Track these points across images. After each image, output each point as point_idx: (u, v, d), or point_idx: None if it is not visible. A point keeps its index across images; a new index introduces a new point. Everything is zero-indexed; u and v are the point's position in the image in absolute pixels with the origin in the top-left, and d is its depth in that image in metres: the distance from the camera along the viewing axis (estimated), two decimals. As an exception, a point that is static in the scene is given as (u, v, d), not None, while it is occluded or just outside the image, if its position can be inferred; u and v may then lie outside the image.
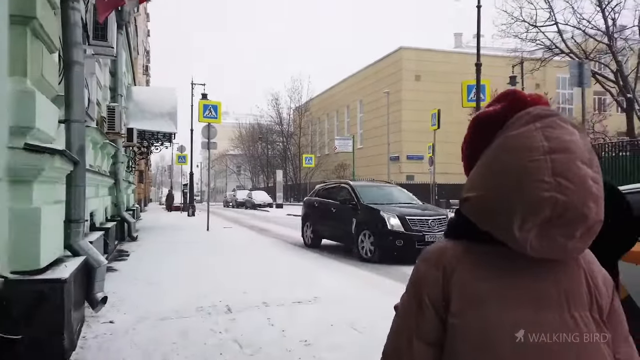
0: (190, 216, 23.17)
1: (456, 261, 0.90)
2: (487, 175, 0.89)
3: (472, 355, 0.85)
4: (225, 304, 4.99)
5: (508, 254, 0.87)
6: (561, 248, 0.83)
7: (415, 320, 0.91)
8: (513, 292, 0.86)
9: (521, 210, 0.82)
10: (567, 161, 0.83)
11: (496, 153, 0.89)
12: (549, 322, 0.85)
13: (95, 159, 8.18)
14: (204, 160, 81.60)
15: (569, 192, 0.81)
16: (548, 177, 0.81)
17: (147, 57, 39.73)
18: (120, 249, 9.55)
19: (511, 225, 0.82)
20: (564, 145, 0.84)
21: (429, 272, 0.92)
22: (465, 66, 35.35)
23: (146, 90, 17.00)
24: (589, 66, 9.50)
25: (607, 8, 17.18)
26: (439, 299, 0.89)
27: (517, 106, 0.93)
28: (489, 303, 0.86)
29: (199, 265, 7.45)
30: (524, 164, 0.83)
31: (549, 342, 0.83)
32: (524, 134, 0.86)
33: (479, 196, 0.89)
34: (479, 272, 0.88)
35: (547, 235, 0.82)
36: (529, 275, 0.87)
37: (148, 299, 5.17)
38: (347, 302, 5.06)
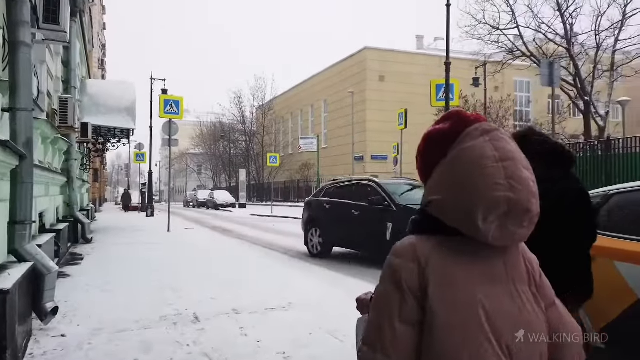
0: (149, 216, 22.30)
1: (428, 254, 1.05)
2: (450, 181, 1.06)
3: (447, 328, 1.00)
4: (192, 312, 4.60)
5: (468, 243, 1.05)
6: (513, 235, 1.02)
7: (398, 305, 1.04)
8: (475, 273, 1.04)
9: (483, 208, 0.99)
10: (514, 167, 1.02)
11: (455, 162, 1.06)
12: (501, 295, 1.04)
13: (46, 155, 7.54)
14: (164, 159, 79.44)
15: (517, 191, 1.00)
16: (502, 180, 1.00)
17: (103, 51, 38.04)
18: (73, 252, 8.88)
19: (475, 220, 1.00)
20: (510, 154, 1.03)
21: (405, 265, 1.06)
22: (429, 67, 35.88)
23: (103, 84, 16.11)
24: (559, 66, 9.65)
25: (566, 13, 17.73)
26: (416, 287, 1.03)
27: (462, 123, 1.10)
28: (458, 284, 1.03)
29: (161, 269, 6.96)
30: (482, 171, 1.01)
31: (502, 310, 1.03)
32: (478, 146, 1.04)
33: (444, 199, 1.06)
34: (447, 260, 1.05)
35: (504, 226, 1.00)
36: (484, 259, 1.06)
37: (104, 307, 4.70)
38: (323, 308, 4.77)
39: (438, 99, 11.01)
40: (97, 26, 27.57)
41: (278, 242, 11.67)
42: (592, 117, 17.16)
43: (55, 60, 9.03)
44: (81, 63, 13.68)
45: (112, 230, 13.97)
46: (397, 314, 1.04)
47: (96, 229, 13.76)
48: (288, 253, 9.60)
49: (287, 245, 10.87)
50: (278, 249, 10.19)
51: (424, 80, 35.35)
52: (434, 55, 38.09)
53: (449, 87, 10.52)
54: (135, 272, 6.76)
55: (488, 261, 1.07)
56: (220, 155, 52.51)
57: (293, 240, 11.92)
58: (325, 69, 41.34)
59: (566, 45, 17.56)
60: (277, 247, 10.51)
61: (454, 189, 1.05)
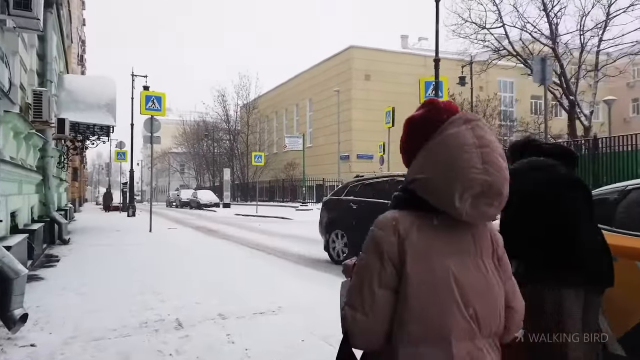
0: (130, 216, 21.74)
1: (408, 227, 1.18)
2: (433, 162, 1.18)
3: (422, 294, 1.14)
4: (175, 317, 4.29)
5: (443, 219, 1.17)
6: (485, 214, 1.15)
7: (377, 273, 1.17)
8: (448, 246, 1.18)
9: (460, 187, 1.12)
10: (491, 153, 1.14)
11: (439, 146, 1.18)
12: (470, 265, 1.18)
13: (19, 151, 7.13)
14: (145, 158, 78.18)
15: (492, 175, 1.13)
16: (479, 164, 1.13)
17: (82, 47, 37.13)
18: (49, 253, 8.46)
19: (453, 198, 1.12)
20: (488, 142, 1.16)
21: (386, 237, 1.18)
22: (414, 67, 35.93)
23: (81, 79, 15.58)
24: (551, 62, 9.55)
25: (551, 13, 17.79)
26: (396, 257, 1.16)
27: (441, 111, 1.23)
28: (432, 255, 1.16)
29: (142, 271, 6.61)
30: (462, 154, 1.13)
31: (470, 279, 1.16)
32: (460, 133, 1.16)
33: (427, 178, 1.18)
34: (424, 234, 1.17)
35: (477, 205, 1.13)
36: (456, 233, 1.19)
37: (80, 313, 4.37)
38: (315, 312, 4.51)
39: (427, 96, 10.83)
40: (76, 21, 26.85)
41: (264, 242, 11.37)
42: (577, 117, 17.25)
43: (30, 53, 8.60)
44: (58, 57, 13.18)
45: (92, 230, 13.49)
46: (376, 280, 1.17)
47: (75, 230, 13.26)
48: (275, 254, 9.32)
49: (274, 246, 10.58)
50: (264, 250, 9.90)
51: (409, 80, 35.42)
52: (419, 54, 38.17)
53: (438, 85, 10.35)
54: (114, 274, 6.40)
55: (460, 236, 1.20)
56: (204, 154, 51.79)
57: (280, 241, 11.65)
58: (310, 68, 41.06)
59: (551, 44, 17.61)
60: (263, 248, 10.22)
61: (436, 169, 1.17)
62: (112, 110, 13.05)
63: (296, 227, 15.80)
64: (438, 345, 1.12)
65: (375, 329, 1.17)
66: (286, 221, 19.81)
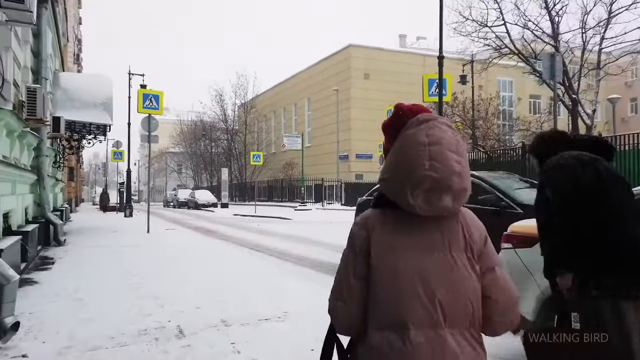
0: (127, 217, 21.48)
1: (375, 223, 1.30)
2: (392, 162, 1.28)
3: (385, 283, 1.23)
4: (176, 324, 4.07)
5: (407, 215, 1.26)
6: (438, 207, 1.22)
7: (352, 264, 1.30)
8: (412, 240, 1.25)
9: (410, 184, 1.21)
10: (439, 150, 1.21)
11: (396, 147, 1.29)
12: (436, 260, 1.23)
13: (12, 149, 6.89)
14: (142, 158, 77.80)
15: (439, 170, 1.19)
16: (427, 161, 1.20)
17: (79, 46, 36.78)
18: (44, 255, 8.22)
19: (405, 195, 1.22)
20: (437, 139, 1.23)
21: (359, 231, 1.31)
22: (413, 66, 35.75)
23: (77, 78, 15.31)
24: (560, 58, 9.37)
25: (552, 11, 17.60)
26: (365, 249, 1.28)
27: (402, 113, 1.34)
28: (396, 248, 1.24)
29: (140, 274, 6.38)
30: (413, 153, 1.22)
31: (434, 270, 1.22)
32: (414, 133, 1.26)
33: (388, 177, 1.28)
34: (389, 229, 1.27)
35: (429, 200, 1.21)
36: (423, 228, 1.26)
37: (75, 320, 4.14)
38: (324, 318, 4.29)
39: (430, 94, 10.65)
40: (72, 19, 26.54)
41: (264, 243, 11.15)
42: (580, 116, 17.08)
43: (24, 49, 8.36)
44: (54, 55, 12.93)
45: (88, 231, 13.23)
46: (351, 271, 1.29)
47: (71, 230, 13.01)
48: (276, 255, 9.10)
49: (274, 247, 10.36)
50: (265, 251, 9.67)
51: (408, 79, 35.27)
52: (419, 53, 38.01)
53: (442, 82, 10.15)
54: (111, 277, 6.17)
55: (426, 230, 1.25)
56: (201, 154, 51.46)
57: (280, 242, 11.43)
58: (309, 67, 40.83)
59: (553, 43, 17.43)
60: (263, 249, 9.99)
61: (392, 169, 1.26)
62: (109, 109, 12.79)
63: (296, 228, 15.59)
64: (398, 331, 1.19)
65: (353, 315, 1.28)
66: (285, 221, 19.59)
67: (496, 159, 15.83)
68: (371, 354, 1.23)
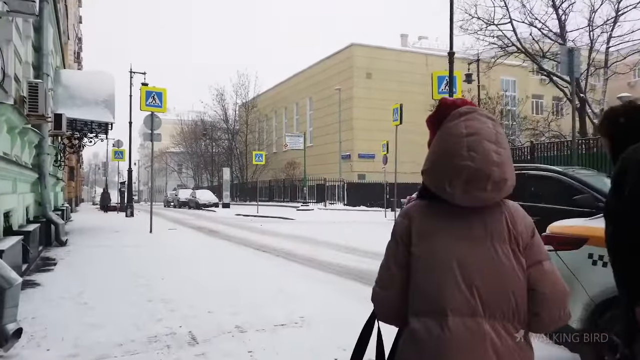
0: (128, 217, 21.26)
1: (416, 213, 1.34)
2: (432, 154, 1.32)
3: (424, 271, 1.26)
4: (188, 330, 3.84)
5: (450, 206, 1.27)
6: (477, 198, 1.23)
7: (394, 252, 1.34)
8: (452, 230, 1.27)
9: (448, 175, 1.23)
10: (477, 141, 1.23)
11: (437, 139, 1.33)
12: (477, 250, 1.24)
13: (13, 147, 6.65)
14: (142, 158, 77.54)
15: (477, 161, 1.20)
16: (465, 152, 1.22)
17: (79, 45, 36.56)
18: (45, 256, 7.99)
19: (444, 185, 1.25)
20: (475, 130, 1.25)
21: (401, 221, 1.36)
22: (416, 65, 35.50)
23: (79, 75, 15.09)
24: (579, 53, 9.14)
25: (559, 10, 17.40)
26: (406, 238, 1.32)
27: (447, 108, 1.36)
28: (436, 237, 1.27)
29: (147, 276, 6.15)
30: (451, 144, 1.25)
31: (474, 260, 1.23)
32: (453, 125, 1.29)
33: (428, 168, 1.31)
34: (430, 219, 1.31)
35: (467, 190, 1.22)
36: (464, 218, 1.27)
37: (80, 325, 3.91)
38: (344, 324, 4.06)
39: (440, 92, 10.41)
40: (72, 18, 26.32)
41: (270, 243, 10.92)
42: (587, 115, 16.86)
43: (25, 44, 8.13)
44: (55, 52, 12.70)
45: (90, 231, 13.00)
46: (392, 259, 1.35)
47: (72, 230, 12.78)
48: (283, 256, 8.86)
49: (281, 247, 10.13)
50: (271, 251, 9.44)
51: (411, 78, 35.05)
52: (422, 52, 37.79)
53: (452, 79, 9.93)
54: (116, 279, 5.94)
55: (467, 220, 1.27)
56: (202, 153, 51.21)
57: (285, 242, 11.20)
58: (311, 66, 40.56)
59: (560, 41, 17.21)
60: (270, 249, 9.76)
61: (432, 160, 1.31)
62: (111, 107, 12.57)
63: (299, 228, 15.38)
64: (437, 318, 1.21)
65: (393, 302, 1.32)
66: (288, 221, 19.37)
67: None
68: (411, 340, 1.26)
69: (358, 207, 28.08)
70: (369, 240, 11.33)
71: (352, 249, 9.86)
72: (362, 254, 9.01)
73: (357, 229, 15.09)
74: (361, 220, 19.20)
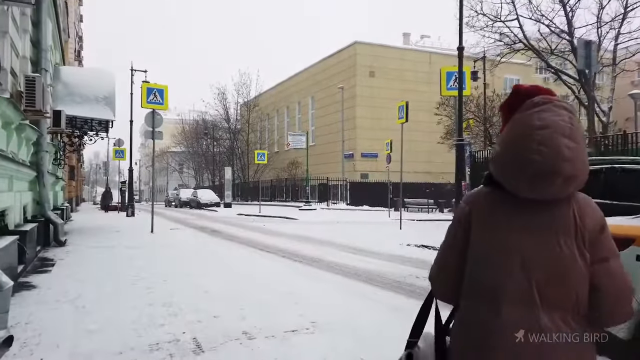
0: (129, 216, 21.05)
1: (479, 199, 1.33)
2: (502, 143, 1.28)
3: (482, 257, 1.26)
4: (192, 337, 3.59)
5: (515, 196, 1.25)
6: (542, 192, 1.20)
7: (453, 236, 1.36)
8: (515, 220, 1.24)
9: (515, 167, 1.21)
10: (548, 134, 1.18)
11: (507, 129, 1.30)
12: (539, 241, 1.21)
13: (9, 143, 6.41)
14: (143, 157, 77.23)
15: (546, 155, 1.16)
16: (535, 145, 1.18)
17: (80, 43, 36.35)
18: (43, 256, 7.74)
19: (509, 177, 1.23)
20: (548, 123, 1.20)
21: (463, 207, 1.35)
22: (419, 64, 35.28)
23: (78, 71, 14.84)
24: (596, 46, 8.87)
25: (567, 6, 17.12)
26: (466, 223, 1.32)
27: (522, 96, 1.31)
28: (496, 225, 1.26)
29: (148, 278, 5.89)
30: (521, 136, 1.22)
31: (536, 252, 1.20)
32: (525, 116, 1.24)
33: (496, 157, 1.28)
34: (493, 206, 1.29)
35: (533, 184, 1.19)
36: (528, 209, 1.23)
37: (77, 331, 3.66)
38: (359, 330, 3.80)
39: (449, 88, 10.13)
40: (72, 15, 26.10)
41: (274, 243, 10.66)
42: (596, 113, 16.58)
43: (23, 38, 7.89)
44: (54, 48, 12.47)
45: (90, 231, 12.75)
46: (451, 242, 1.37)
47: (72, 230, 12.54)
48: (288, 256, 8.60)
49: (285, 248, 9.87)
50: (276, 252, 9.18)
51: (414, 76, 34.81)
52: (424, 50, 37.53)
53: (461, 75, 9.65)
54: (116, 281, 5.68)
55: (531, 211, 1.23)
56: (203, 153, 50.95)
57: (289, 242, 10.95)
58: (312, 65, 40.30)
59: (568, 38, 16.93)
60: (274, 250, 9.49)
61: (500, 150, 1.27)
62: (111, 104, 12.32)
63: (303, 228, 15.13)
64: (490, 304, 1.22)
65: (448, 284, 1.36)
66: (291, 221, 19.13)
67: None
68: (461, 322, 1.30)
69: (361, 206, 27.82)
70: (374, 240, 11.08)
71: (358, 249, 9.60)
72: (369, 255, 8.75)
73: (361, 229, 14.84)
74: (365, 220, 18.95)
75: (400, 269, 7.21)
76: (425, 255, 8.71)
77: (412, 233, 12.85)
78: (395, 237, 11.69)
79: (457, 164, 10.15)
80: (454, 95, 11.02)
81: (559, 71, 16.94)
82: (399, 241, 10.78)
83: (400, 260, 8.15)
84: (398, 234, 12.68)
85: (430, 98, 29.52)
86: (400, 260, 8.15)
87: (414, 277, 6.48)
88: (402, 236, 11.95)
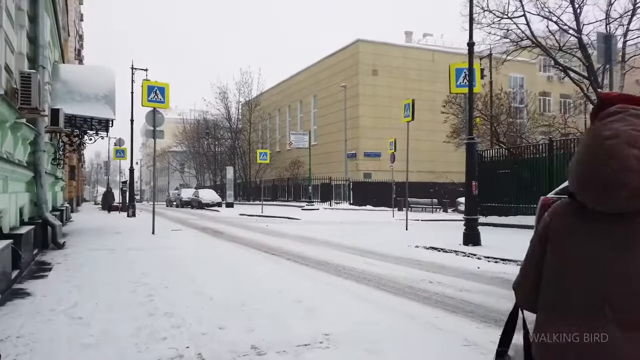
0: (130, 217, 20.78)
1: (560, 211, 1.28)
2: (577, 153, 1.24)
3: (554, 271, 1.23)
4: (197, 352, 3.30)
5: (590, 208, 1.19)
6: (612, 205, 1.13)
7: (532, 247, 1.34)
8: (591, 234, 1.19)
9: (585, 179, 1.17)
10: (616, 144, 1.12)
11: (583, 138, 1.27)
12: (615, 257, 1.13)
13: (3, 142, 6.13)
14: (144, 157, 76.97)
15: (614, 166, 1.10)
16: (602, 156, 1.13)
17: (80, 42, 36.10)
18: (40, 260, 7.47)
19: (579, 189, 1.20)
20: (617, 133, 1.13)
21: (545, 218, 1.32)
22: (422, 62, 34.97)
23: (78, 69, 14.57)
24: (616, 40, 8.58)
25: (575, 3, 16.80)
26: (545, 235, 1.29)
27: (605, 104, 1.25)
28: (572, 239, 1.21)
29: (149, 284, 5.61)
30: (591, 147, 1.18)
31: (610, 268, 1.13)
32: (597, 126, 1.20)
33: (570, 169, 1.25)
34: (572, 219, 1.24)
35: (600, 197, 1.14)
36: (606, 223, 1.16)
37: (72, 346, 3.38)
38: (378, 344, 3.51)
39: (458, 85, 9.84)
40: (72, 14, 25.84)
41: (278, 245, 10.37)
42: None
43: (19, 34, 7.61)
44: (53, 45, 12.19)
45: (90, 232, 12.48)
46: (531, 252, 1.34)
47: (71, 232, 12.27)
48: (294, 259, 8.32)
49: (290, 249, 9.58)
50: (281, 254, 8.89)
51: (417, 75, 34.48)
52: (428, 49, 37.22)
53: (471, 71, 9.34)
54: (116, 288, 5.40)
55: (608, 224, 1.16)
56: (205, 152, 50.67)
57: (293, 244, 10.66)
58: (314, 64, 39.98)
59: (577, 34, 16.62)
60: (279, 252, 9.21)
61: (575, 160, 1.23)
62: (111, 103, 12.05)
63: (306, 228, 14.86)
64: (562, 318, 1.19)
65: (527, 295, 1.35)
66: (294, 221, 18.85)
67: (518, 156, 15.07)
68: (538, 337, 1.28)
69: (364, 206, 27.55)
70: (381, 241, 10.79)
71: (365, 251, 9.31)
72: (377, 257, 8.46)
73: (366, 229, 14.55)
74: (369, 220, 18.66)
75: (411, 272, 6.93)
76: (435, 258, 8.42)
77: (419, 234, 12.56)
78: (403, 238, 11.40)
79: (468, 164, 9.82)
80: (464, 93, 10.70)
81: (567, 68, 16.63)
82: (406, 242, 10.49)
83: (410, 263, 7.87)
84: (405, 235, 12.39)
85: (433, 97, 29.21)
86: (410, 263, 7.86)
87: (427, 282, 6.19)
88: (409, 237, 11.66)
